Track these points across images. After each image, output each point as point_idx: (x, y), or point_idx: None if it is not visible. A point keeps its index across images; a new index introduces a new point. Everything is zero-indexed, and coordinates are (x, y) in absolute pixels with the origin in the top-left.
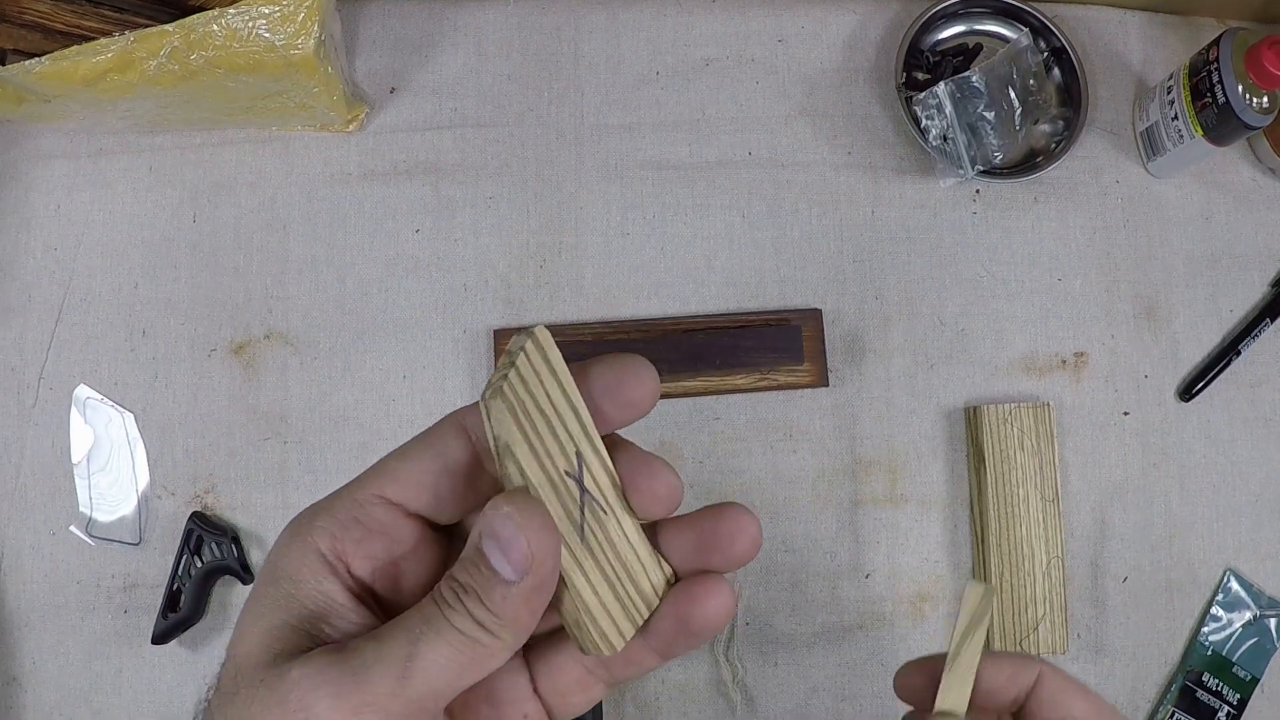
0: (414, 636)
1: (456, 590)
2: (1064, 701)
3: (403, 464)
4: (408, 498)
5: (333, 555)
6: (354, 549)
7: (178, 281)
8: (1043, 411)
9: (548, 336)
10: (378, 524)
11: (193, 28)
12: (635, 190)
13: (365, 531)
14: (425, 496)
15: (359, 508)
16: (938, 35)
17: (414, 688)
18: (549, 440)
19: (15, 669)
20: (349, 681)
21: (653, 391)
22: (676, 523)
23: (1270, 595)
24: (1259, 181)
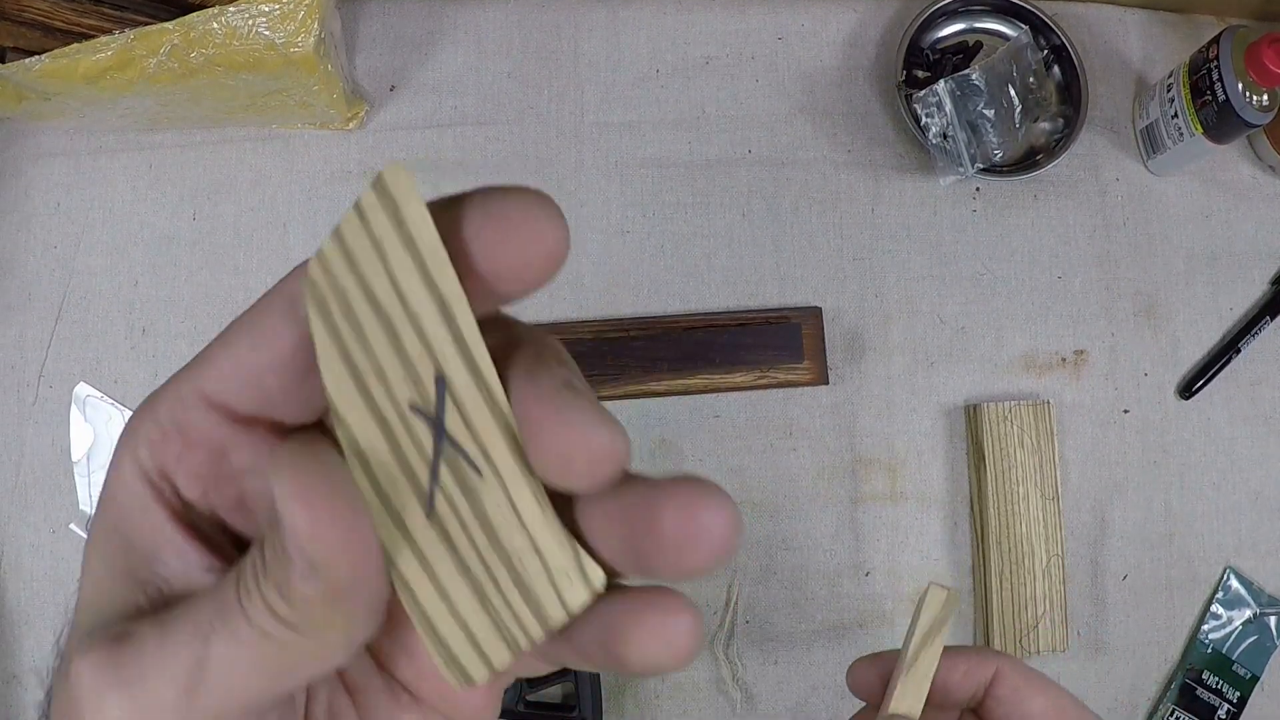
0: (205, 633)
1: (258, 569)
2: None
3: (221, 350)
4: (231, 397)
5: (155, 472)
6: (176, 464)
7: (178, 280)
8: (1043, 409)
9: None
10: (199, 432)
11: (193, 26)
12: (635, 188)
13: (186, 442)
14: (252, 394)
15: (181, 409)
16: (938, 33)
17: (207, 701)
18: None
19: (15, 667)
20: (121, 689)
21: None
22: (605, 502)
23: (1270, 593)
24: (1259, 179)
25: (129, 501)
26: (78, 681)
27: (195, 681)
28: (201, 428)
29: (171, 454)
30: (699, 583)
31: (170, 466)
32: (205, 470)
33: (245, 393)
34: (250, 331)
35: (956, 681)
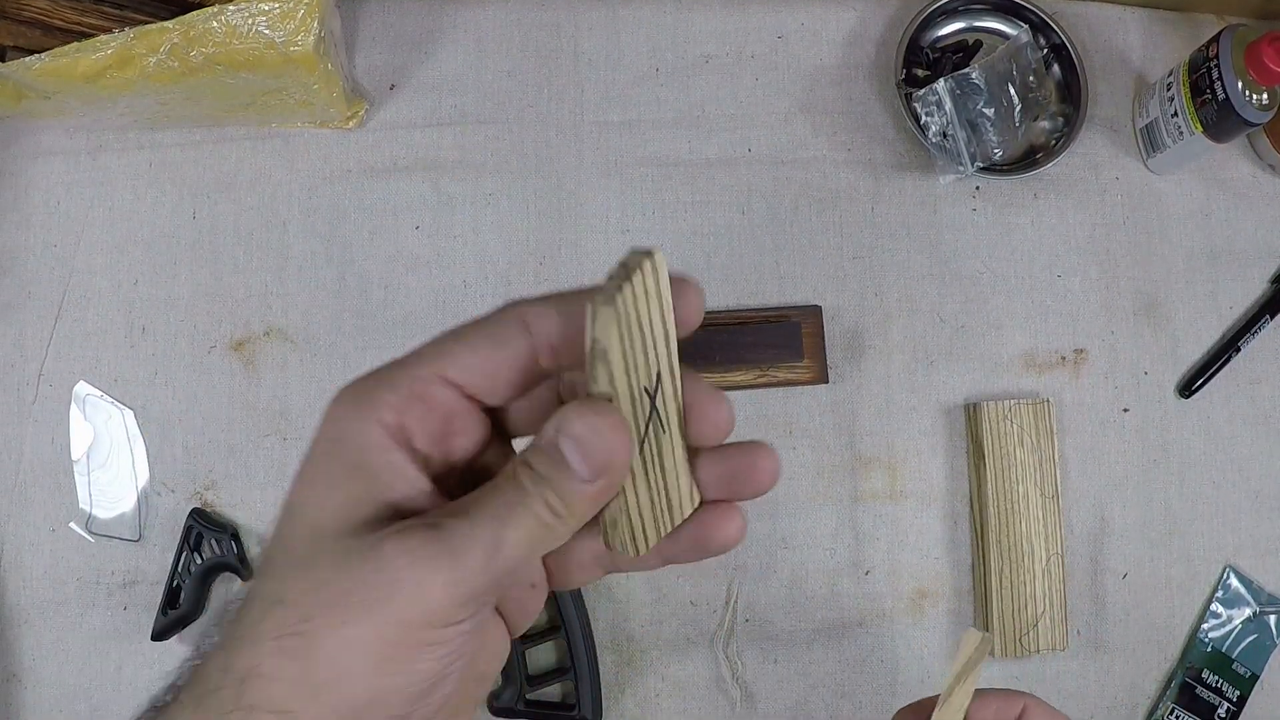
0: (501, 520)
1: (535, 480)
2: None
3: (463, 348)
4: (467, 380)
5: (396, 430)
6: (416, 424)
7: (177, 278)
8: (1042, 408)
9: (663, 260)
10: (439, 403)
11: (192, 24)
12: (635, 187)
13: (426, 409)
14: (484, 382)
15: (421, 384)
16: (937, 32)
17: (499, 563)
18: (639, 356)
19: (15, 665)
20: (445, 558)
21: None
22: (712, 453)
23: (1270, 592)
24: (1259, 178)
25: (372, 445)
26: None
27: (493, 551)
28: (441, 399)
29: (415, 415)
30: (699, 581)
31: (411, 425)
32: (437, 429)
33: (479, 380)
34: (492, 337)
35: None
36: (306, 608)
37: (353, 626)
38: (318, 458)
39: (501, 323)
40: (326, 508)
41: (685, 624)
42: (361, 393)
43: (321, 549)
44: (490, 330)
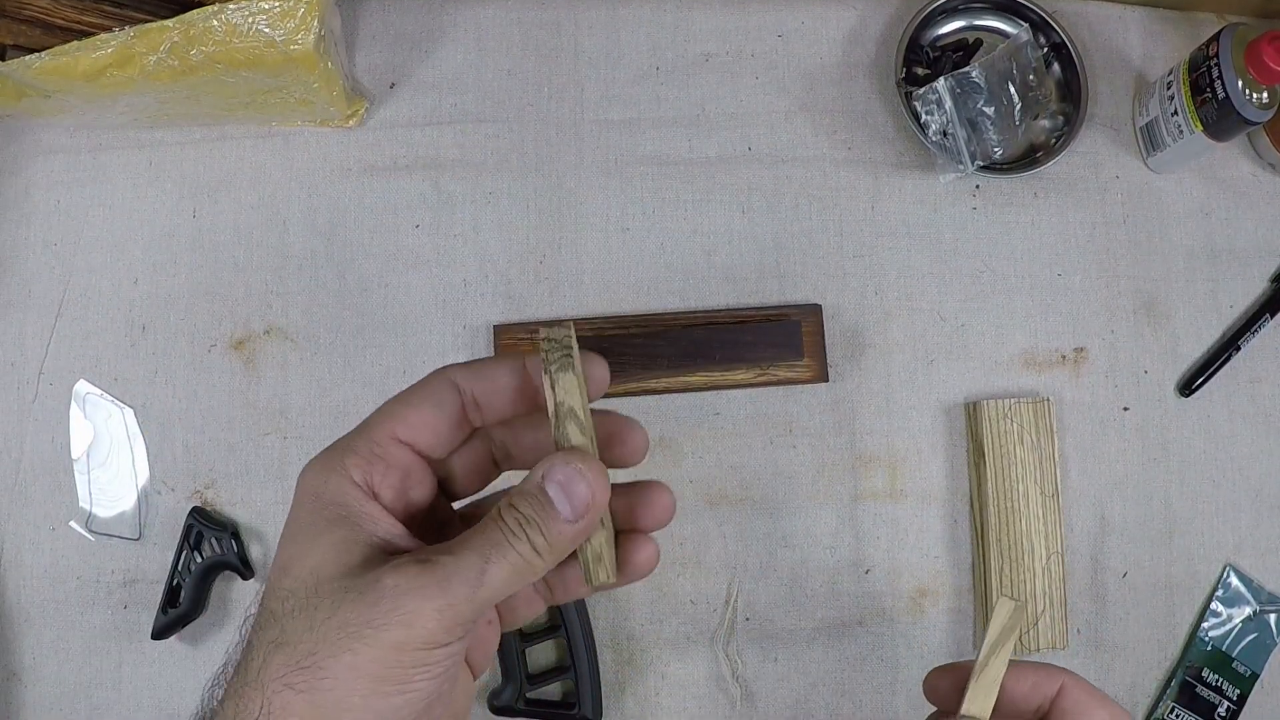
0: (485, 555)
1: (520, 521)
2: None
3: (410, 410)
4: (416, 439)
5: (364, 484)
6: (379, 480)
7: (177, 277)
8: (1042, 407)
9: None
10: (396, 460)
11: (192, 23)
12: (635, 185)
13: (387, 466)
14: (430, 438)
15: (379, 447)
16: (937, 30)
17: (483, 594)
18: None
19: (15, 664)
20: (435, 588)
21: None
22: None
23: (1270, 591)
24: (1259, 177)
25: (352, 499)
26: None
27: (478, 583)
28: (398, 457)
29: (377, 474)
30: (699, 580)
31: (375, 481)
32: (398, 483)
33: (426, 437)
34: (431, 399)
35: (1024, 693)
36: (309, 644)
37: (353, 654)
38: (301, 516)
39: (436, 386)
40: (321, 556)
41: (685, 623)
42: (330, 459)
43: (320, 592)
44: (428, 393)
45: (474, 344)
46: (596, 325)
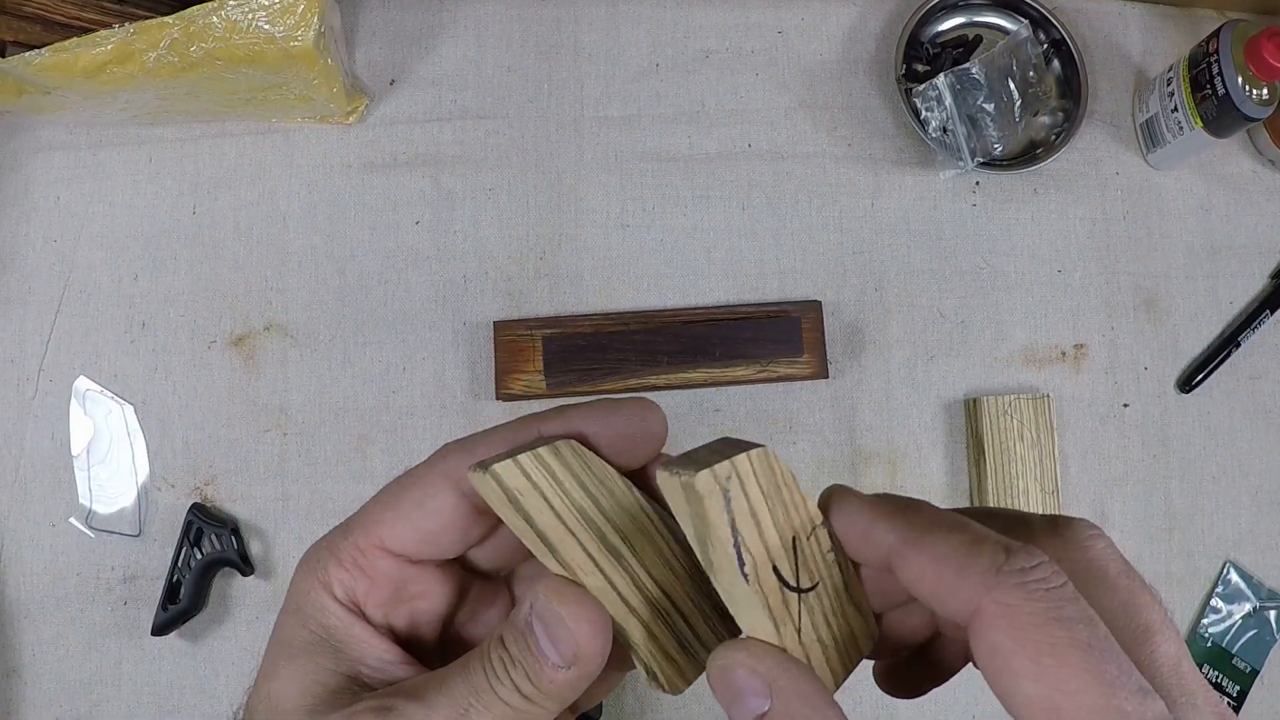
0: (463, 707)
1: (505, 661)
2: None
3: (394, 518)
4: (407, 549)
5: (348, 600)
6: (365, 596)
7: (177, 273)
8: (1042, 403)
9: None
10: (382, 574)
11: (192, 20)
12: (635, 182)
13: (371, 582)
14: (424, 548)
15: (363, 557)
16: (937, 27)
17: None
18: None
19: (15, 661)
20: None
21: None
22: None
23: (1270, 587)
24: (1259, 173)
25: (334, 621)
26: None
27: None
28: (384, 569)
29: (361, 589)
30: None
31: (360, 597)
32: (387, 599)
33: (420, 547)
34: (422, 503)
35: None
36: None
37: None
38: (283, 628)
39: (429, 485)
40: (284, 686)
41: None
42: (314, 565)
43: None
44: (420, 496)
45: (473, 341)
46: (596, 322)
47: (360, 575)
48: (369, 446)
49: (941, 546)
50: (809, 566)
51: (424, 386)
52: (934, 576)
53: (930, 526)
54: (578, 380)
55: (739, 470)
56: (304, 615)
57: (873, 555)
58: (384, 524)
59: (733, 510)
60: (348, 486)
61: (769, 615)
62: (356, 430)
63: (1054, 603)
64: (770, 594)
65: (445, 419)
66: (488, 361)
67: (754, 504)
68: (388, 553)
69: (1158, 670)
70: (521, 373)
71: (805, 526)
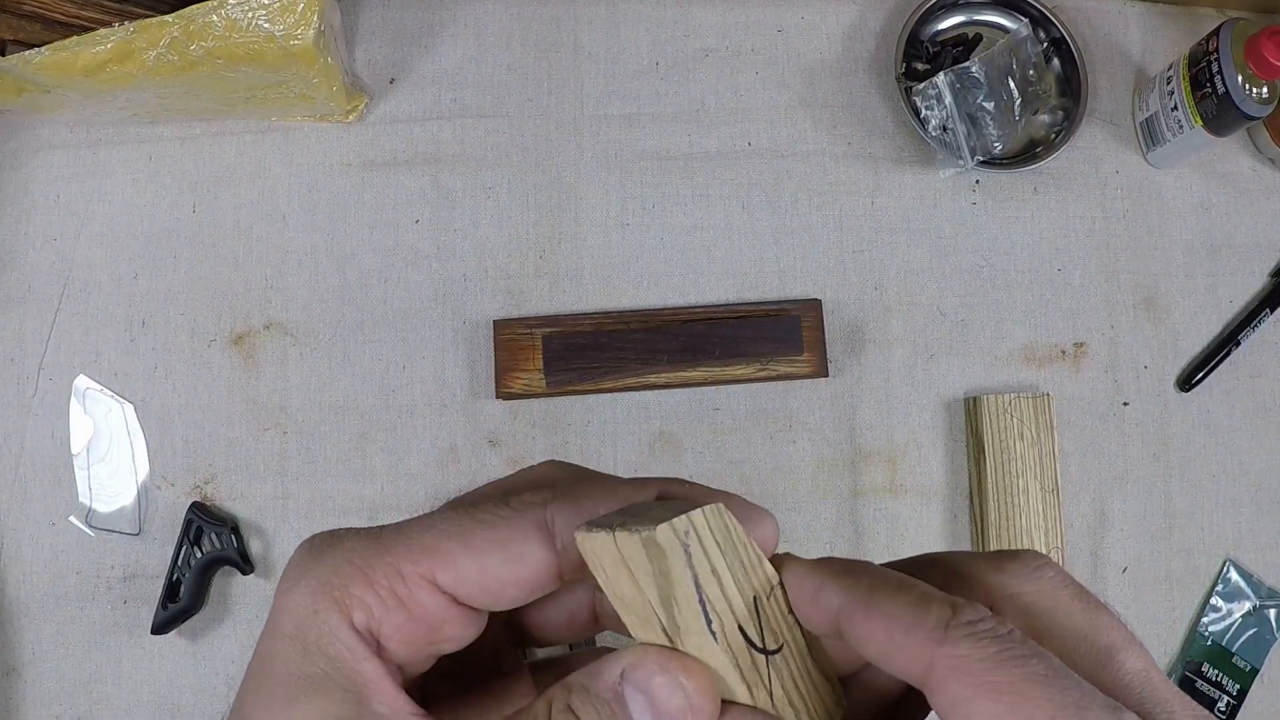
0: None
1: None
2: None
3: (465, 553)
4: (464, 593)
5: (367, 632)
6: (392, 631)
7: (177, 272)
8: (1042, 402)
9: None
10: (425, 612)
11: (192, 18)
12: (635, 180)
13: (409, 617)
14: (485, 597)
15: (404, 586)
16: (937, 26)
17: None
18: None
19: (15, 659)
20: None
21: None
22: None
23: (1270, 586)
24: (1259, 172)
25: (344, 652)
26: None
27: None
28: (427, 607)
29: (393, 623)
30: None
31: (385, 631)
32: (421, 638)
33: (481, 594)
34: (505, 548)
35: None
36: None
37: None
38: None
39: (517, 528)
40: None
41: None
42: (331, 578)
43: None
44: (504, 537)
45: (473, 339)
46: (596, 320)
47: (397, 607)
48: (369, 445)
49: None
50: (773, 628)
51: (424, 385)
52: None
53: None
54: (578, 379)
55: (695, 525)
56: (305, 642)
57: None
58: (443, 555)
59: (695, 566)
60: (348, 485)
61: (741, 678)
62: (356, 429)
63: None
64: (739, 655)
65: (445, 417)
66: (487, 360)
67: (714, 561)
68: (436, 588)
69: (1128, 686)
70: (521, 371)
71: (765, 586)
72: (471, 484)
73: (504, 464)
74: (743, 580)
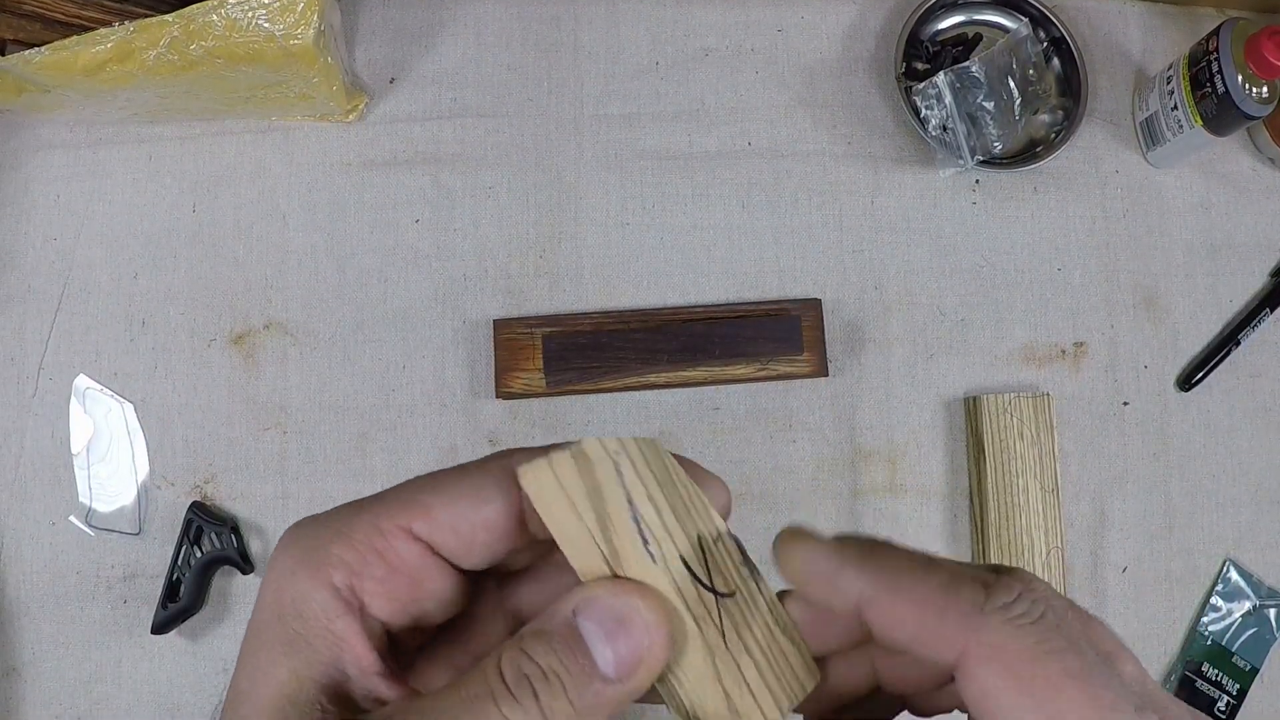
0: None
1: (531, 677)
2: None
3: (438, 500)
4: (439, 539)
5: (348, 591)
6: (375, 586)
7: (177, 272)
8: (1042, 401)
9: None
10: (404, 562)
11: (192, 18)
12: (635, 180)
13: (389, 569)
14: (460, 544)
15: (382, 539)
16: (937, 25)
17: None
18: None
19: (15, 659)
20: None
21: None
22: None
23: (1270, 585)
24: (1259, 171)
25: (316, 612)
26: None
27: None
28: (406, 558)
29: (373, 576)
30: None
31: (368, 587)
32: (403, 592)
33: (451, 538)
34: (472, 491)
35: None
36: None
37: None
38: (261, 622)
39: (485, 473)
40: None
41: None
42: (311, 544)
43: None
44: (470, 480)
45: (473, 339)
46: (596, 320)
47: (376, 560)
48: (369, 445)
49: (920, 589)
50: (723, 573)
51: (424, 385)
52: (915, 621)
53: (903, 569)
54: (577, 379)
55: (626, 447)
56: (281, 607)
57: (841, 603)
58: (420, 506)
59: (627, 485)
60: (348, 484)
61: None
62: (356, 428)
63: (1040, 636)
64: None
65: (445, 417)
66: (487, 360)
67: (649, 487)
68: (415, 539)
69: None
70: (521, 371)
71: (711, 531)
72: None
73: None
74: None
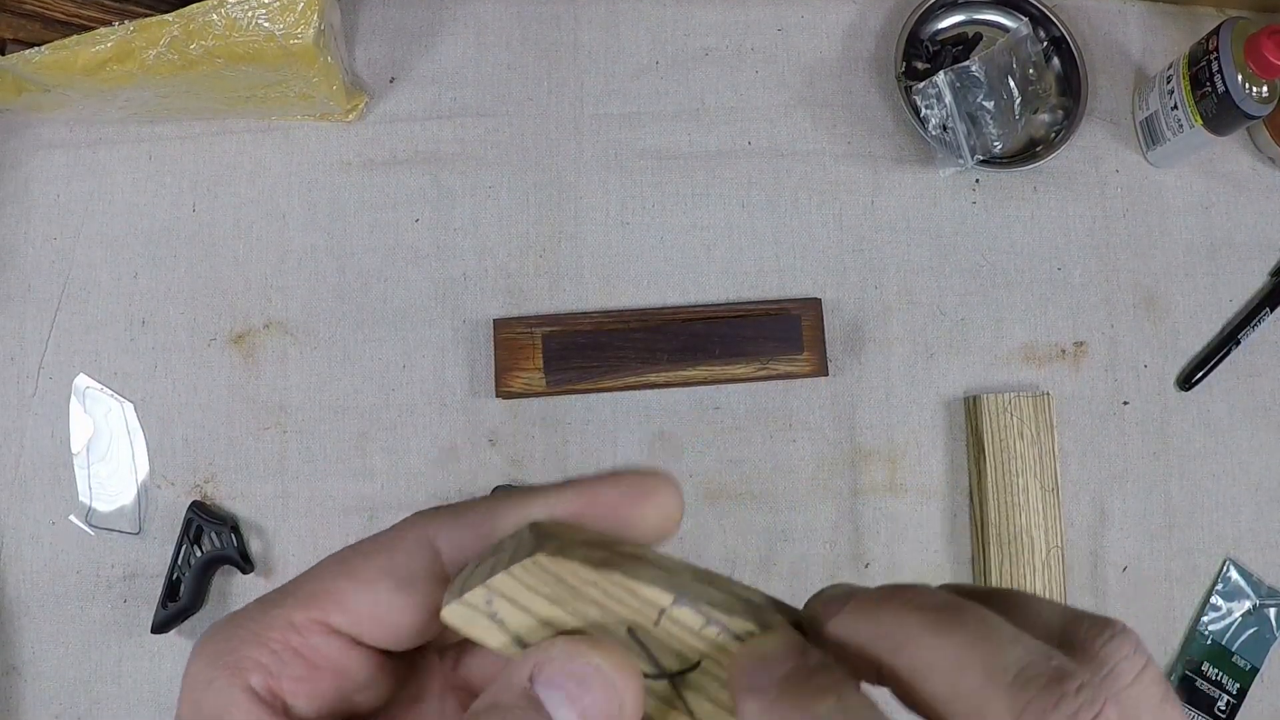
0: None
1: None
2: None
3: (353, 586)
4: (359, 629)
5: (268, 694)
6: (295, 686)
7: (177, 271)
8: (1042, 401)
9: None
10: (324, 658)
11: (192, 17)
12: (635, 180)
13: (308, 667)
14: (381, 630)
15: (298, 635)
16: (937, 25)
17: None
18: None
19: (15, 658)
20: None
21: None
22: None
23: (1270, 585)
24: (1259, 171)
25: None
26: None
27: None
28: (326, 653)
29: (291, 677)
30: None
31: (288, 688)
32: (328, 689)
33: (376, 628)
34: (390, 571)
35: None
36: None
37: None
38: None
39: (400, 548)
40: None
41: None
42: (224, 649)
43: None
44: (385, 559)
45: (473, 338)
46: (596, 320)
47: (294, 659)
48: (369, 444)
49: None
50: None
51: (424, 384)
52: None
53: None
54: (577, 378)
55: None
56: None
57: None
58: (332, 595)
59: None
60: (348, 484)
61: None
62: (356, 428)
63: None
64: None
65: (445, 417)
66: (487, 359)
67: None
68: (333, 632)
69: None
70: (521, 370)
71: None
72: (471, 483)
73: (504, 463)
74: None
